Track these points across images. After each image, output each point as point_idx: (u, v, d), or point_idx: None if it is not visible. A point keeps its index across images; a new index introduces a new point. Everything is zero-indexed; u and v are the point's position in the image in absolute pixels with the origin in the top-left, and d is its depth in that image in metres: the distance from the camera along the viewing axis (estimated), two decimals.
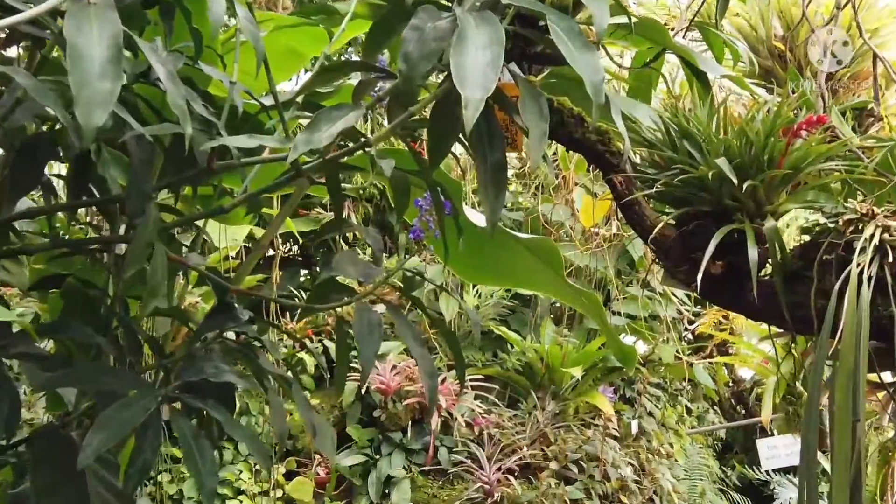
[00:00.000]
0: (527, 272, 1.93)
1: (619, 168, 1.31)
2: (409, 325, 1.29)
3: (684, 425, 4.70)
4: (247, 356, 1.33)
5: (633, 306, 4.13)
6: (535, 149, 1.07)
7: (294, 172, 1.20)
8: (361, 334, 1.20)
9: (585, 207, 3.57)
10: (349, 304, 1.27)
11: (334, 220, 1.34)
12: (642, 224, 1.31)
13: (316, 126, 1.10)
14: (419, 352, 1.26)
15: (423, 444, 3.79)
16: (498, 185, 1.15)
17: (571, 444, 3.72)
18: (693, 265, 1.28)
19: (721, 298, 1.31)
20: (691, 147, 1.27)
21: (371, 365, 1.19)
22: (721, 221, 1.25)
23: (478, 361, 4.19)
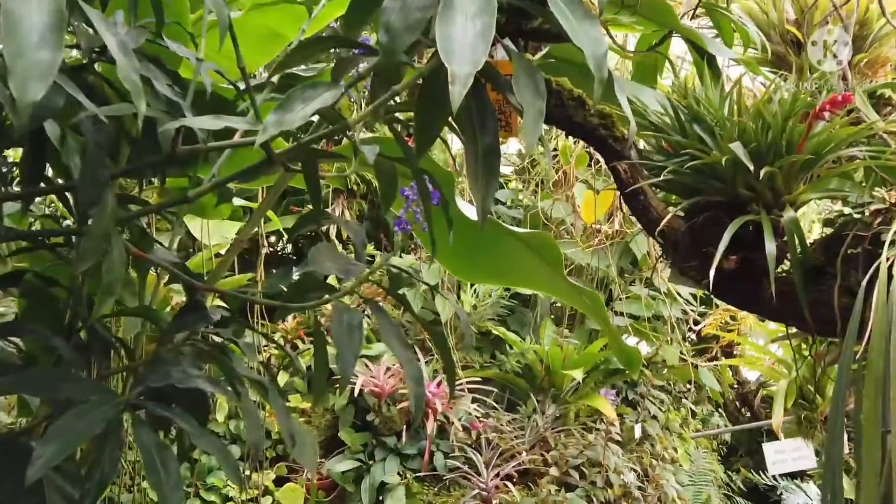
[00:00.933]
0: (524, 270, 1.84)
1: (624, 154, 1.21)
2: (394, 327, 1.19)
3: (689, 429, 4.62)
4: (219, 359, 1.24)
5: (637, 306, 4.04)
6: (530, 129, 0.98)
7: (266, 158, 1.11)
8: (339, 337, 1.11)
9: (587, 203, 3.47)
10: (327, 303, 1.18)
11: (312, 213, 1.25)
12: (648, 215, 1.21)
13: (288, 106, 1.00)
14: (405, 356, 1.17)
15: (418, 449, 3.69)
16: (490, 172, 1.05)
17: (572, 449, 3.63)
18: (704, 260, 1.18)
19: (734, 297, 1.21)
20: (702, 131, 1.18)
21: (350, 370, 1.10)
22: (735, 212, 1.15)
23: (476, 363, 4.11)
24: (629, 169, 1.21)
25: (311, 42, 1.17)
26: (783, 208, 1.14)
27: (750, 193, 1.16)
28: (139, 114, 0.89)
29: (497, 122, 1.07)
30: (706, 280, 1.18)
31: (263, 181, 1.76)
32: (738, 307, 1.27)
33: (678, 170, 1.18)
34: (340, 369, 1.09)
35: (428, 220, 1.13)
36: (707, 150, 1.15)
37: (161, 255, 1.28)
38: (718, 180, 1.16)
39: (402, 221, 1.21)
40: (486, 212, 1.03)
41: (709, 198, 1.18)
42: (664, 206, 1.23)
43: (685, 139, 1.17)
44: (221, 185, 1.09)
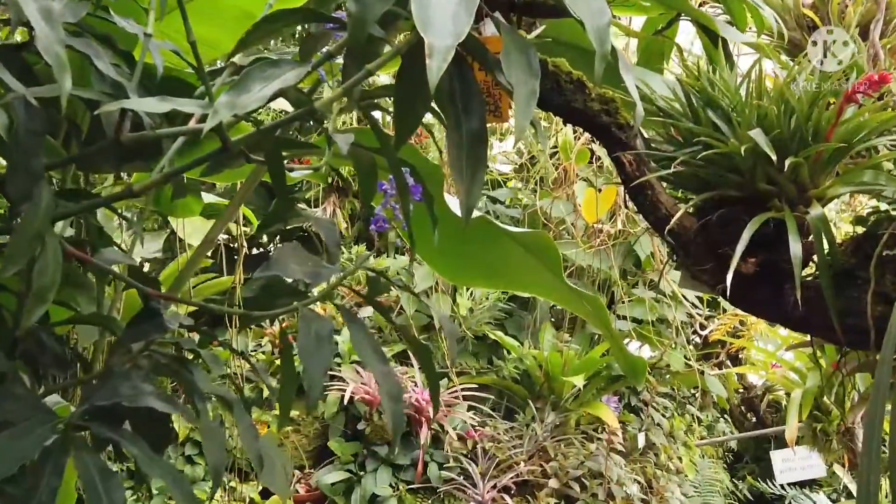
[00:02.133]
0: (519, 271, 1.72)
1: (628, 144, 1.09)
2: (369, 338, 1.08)
3: (693, 436, 4.52)
4: (177, 373, 1.13)
5: (640, 309, 3.94)
6: (521, 111, 0.86)
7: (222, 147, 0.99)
8: (306, 349, 1.00)
9: (588, 201, 3.36)
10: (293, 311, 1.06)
11: (278, 210, 1.13)
12: (656, 213, 1.10)
13: (244, 86, 0.89)
14: (380, 369, 1.06)
15: (411, 459, 3.62)
16: (476, 162, 0.94)
17: (573, 460, 3.54)
18: (719, 263, 1.07)
19: (752, 304, 1.09)
20: (717, 117, 1.06)
21: (319, 387, 0.98)
22: (754, 209, 1.04)
23: (472, 369, 4.00)
24: (634, 160, 1.09)
25: (277, 16, 1.05)
26: (809, 204, 1.02)
27: (771, 188, 1.04)
28: (62, 93, 0.77)
29: (484, 106, 0.95)
30: (721, 285, 1.06)
31: (233, 175, 1.64)
32: (757, 315, 1.15)
33: (690, 161, 1.06)
34: (307, 386, 0.98)
35: (406, 217, 1.01)
36: (723, 139, 1.03)
37: (110, 257, 1.17)
38: (735, 173, 1.05)
39: (380, 219, 1.09)
40: (472, 207, 0.91)
41: (724, 192, 1.06)
42: (674, 202, 1.11)
43: (698, 126, 1.06)
44: (171, 177, 0.97)
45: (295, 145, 1.13)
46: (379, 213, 1.09)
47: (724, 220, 1.05)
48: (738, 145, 1.00)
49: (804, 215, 1.02)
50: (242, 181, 1.64)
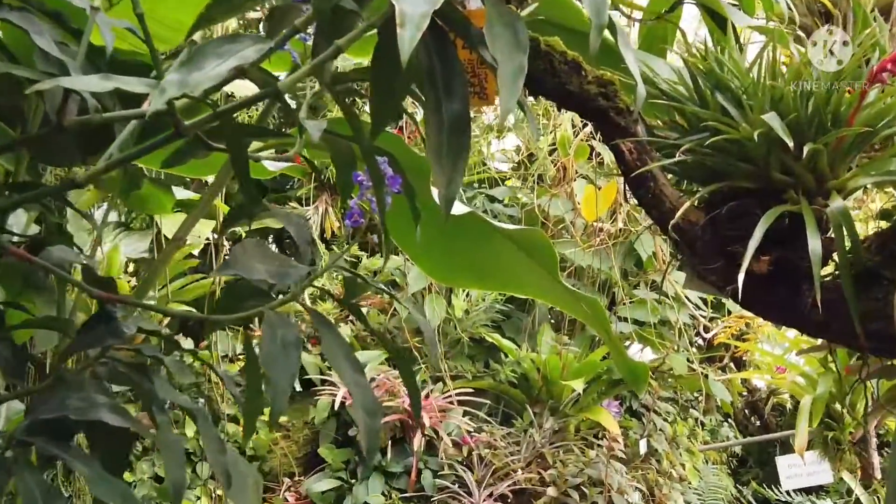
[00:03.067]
0: (513, 272, 1.63)
1: (628, 130, 1.00)
2: (341, 344, 0.99)
3: (697, 441, 4.44)
4: (135, 382, 1.04)
5: (642, 311, 3.85)
6: (507, 90, 0.78)
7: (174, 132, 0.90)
8: (270, 356, 0.91)
9: (587, 199, 3.27)
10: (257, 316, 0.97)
11: (244, 205, 1.04)
12: (659, 206, 1.01)
13: (197, 62, 0.80)
14: (354, 379, 0.97)
15: (404, 466, 3.51)
16: (457, 149, 0.85)
17: (572, 467, 3.42)
18: (728, 262, 0.98)
19: (766, 307, 1.01)
20: (726, 101, 0.97)
21: (285, 400, 0.90)
22: (768, 201, 0.95)
23: (467, 373, 3.92)
24: (635, 148, 1.00)
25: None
26: (828, 196, 0.93)
27: (787, 178, 0.95)
28: None
29: (467, 87, 0.86)
30: (731, 286, 0.97)
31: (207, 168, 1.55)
32: (770, 319, 1.07)
33: (696, 149, 0.97)
34: (271, 398, 0.89)
35: (381, 211, 0.92)
36: (733, 124, 0.94)
37: (59, 256, 1.08)
38: (747, 161, 0.96)
39: (354, 213, 1.00)
40: (452, 199, 0.82)
41: (735, 184, 0.97)
42: (679, 195, 1.02)
43: (705, 110, 0.97)
44: (116, 165, 0.88)
45: (258, 132, 1.04)
46: (353, 207, 1.00)
47: (735, 215, 0.97)
48: (750, 131, 0.91)
49: (823, 208, 0.93)
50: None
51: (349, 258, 4.20)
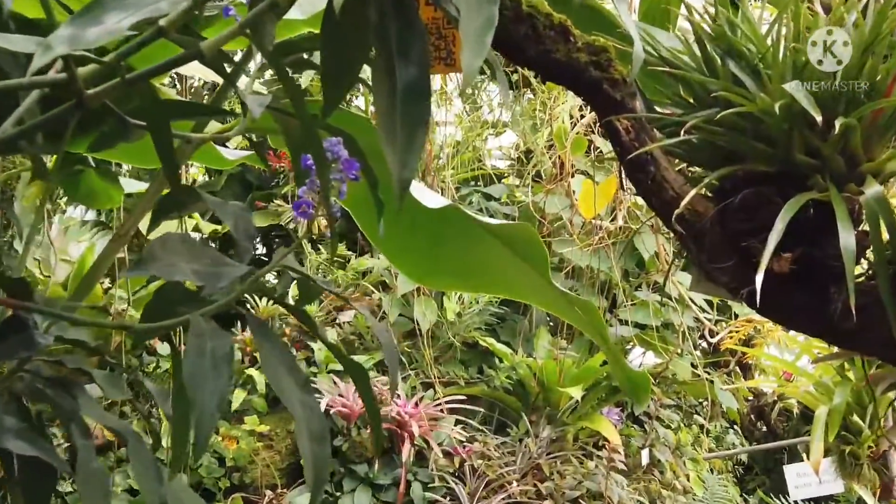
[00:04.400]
0: (499, 271, 1.50)
1: (624, 105, 0.87)
2: (284, 358, 0.85)
3: (701, 448, 4.32)
4: (53, 400, 0.91)
5: (643, 313, 3.72)
6: (471, 47, 0.64)
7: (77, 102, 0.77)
8: (197, 373, 0.77)
9: (585, 195, 3.13)
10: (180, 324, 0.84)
11: (173, 195, 0.91)
12: (661, 195, 0.87)
13: (94, 15, 0.66)
14: (299, 399, 0.83)
15: (392, 478, 3.38)
16: (413, 121, 0.71)
17: (570, 479, 3.31)
18: (743, 260, 0.84)
19: (787, 314, 0.87)
20: (740, 70, 0.83)
21: (211, 424, 0.76)
22: (789, 188, 0.81)
23: (460, 379, 3.79)
24: (633, 126, 0.87)
25: None
26: (862, 181, 0.80)
27: (811, 160, 0.81)
28: None
29: (427, 49, 0.72)
30: (746, 288, 0.83)
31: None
32: (792, 327, 0.93)
33: (704, 126, 0.83)
34: (195, 422, 0.75)
35: (326, 200, 0.78)
36: (748, 96, 0.81)
37: None
38: (765, 141, 0.82)
39: (304, 203, 0.86)
40: (407, 182, 0.69)
41: (750, 167, 0.83)
42: (683, 180, 0.88)
43: (714, 79, 0.83)
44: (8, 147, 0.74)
45: (186, 109, 0.90)
46: (302, 196, 0.87)
47: (750, 204, 0.83)
48: (769, 102, 0.77)
49: (856, 196, 0.79)
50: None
51: (336, 258, 4.07)
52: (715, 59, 0.86)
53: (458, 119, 4.58)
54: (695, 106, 0.88)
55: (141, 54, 1.13)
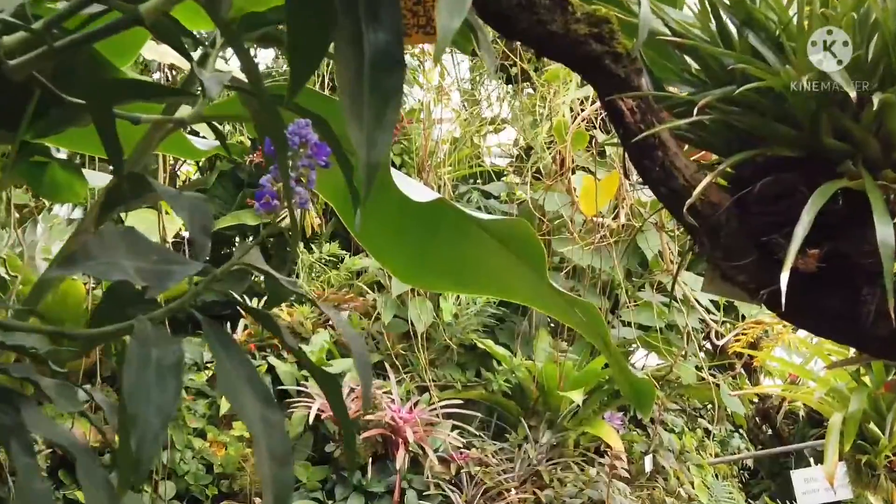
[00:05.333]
0: (493, 271, 1.41)
1: (629, 82, 0.77)
2: (242, 367, 0.77)
3: (706, 453, 4.25)
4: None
5: (647, 315, 3.65)
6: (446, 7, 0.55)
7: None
8: (139, 385, 0.69)
9: (586, 191, 3.04)
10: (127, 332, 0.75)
11: (119, 186, 0.82)
12: (670, 183, 0.78)
13: None
14: (261, 414, 0.74)
15: (386, 486, 3.32)
16: (383, 94, 0.62)
17: (570, 487, 3.27)
18: (763, 257, 0.75)
19: (813, 318, 0.77)
20: (760, 43, 0.74)
21: (155, 444, 0.68)
22: (816, 175, 0.72)
23: (457, 382, 3.72)
24: (638, 106, 0.77)
25: None
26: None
27: (841, 144, 0.72)
28: None
29: (400, 12, 0.63)
30: (767, 289, 0.74)
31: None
32: (818, 332, 0.84)
33: (720, 106, 0.74)
34: (136, 445, 0.66)
35: (286, 188, 0.69)
36: (770, 70, 0.71)
37: None
38: (788, 122, 0.73)
39: (266, 193, 0.77)
40: (376, 166, 0.60)
41: (771, 152, 0.74)
42: (695, 167, 0.79)
43: (730, 51, 0.74)
44: None
45: (134, 87, 0.81)
46: (265, 185, 0.77)
47: (772, 194, 0.74)
48: (795, 76, 0.68)
49: (893, 184, 0.71)
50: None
51: (329, 257, 3.98)
52: (731, 32, 0.77)
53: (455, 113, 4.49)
54: (708, 84, 0.79)
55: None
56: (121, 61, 1.23)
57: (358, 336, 0.77)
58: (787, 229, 0.71)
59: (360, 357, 0.76)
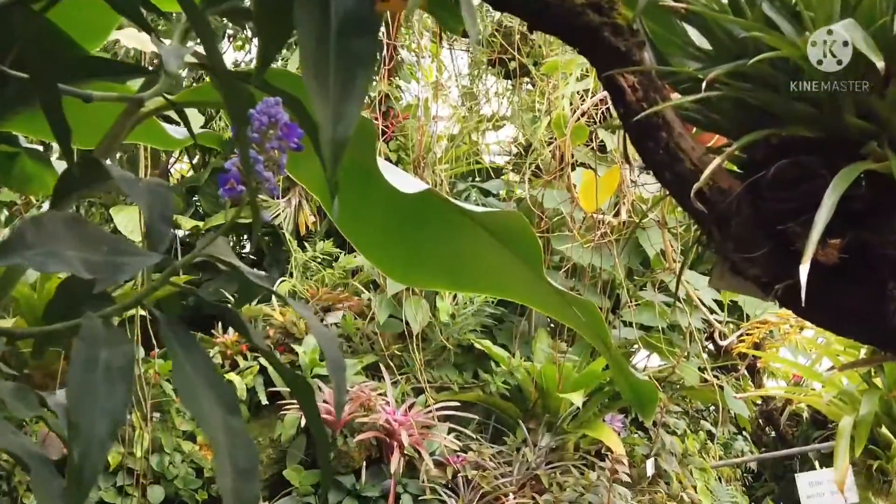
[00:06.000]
0: (486, 267, 1.34)
1: (630, 56, 0.71)
2: (202, 368, 0.71)
3: (709, 456, 4.21)
4: None
5: (649, 314, 3.60)
6: None
7: None
8: (85, 389, 0.64)
9: (586, 187, 2.98)
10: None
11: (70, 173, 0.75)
12: (675, 167, 0.71)
13: None
14: (222, 420, 0.69)
15: (381, 490, 3.29)
16: (351, 60, 0.56)
17: (570, 491, 3.23)
18: (778, 247, 0.69)
19: (833, 315, 0.71)
20: (774, 12, 0.68)
21: (101, 454, 0.63)
22: (838, 158, 0.66)
23: (454, 384, 3.69)
24: (640, 83, 0.71)
25: None
26: None
27: (865, 123, 0.66)
28: None
29: None
30: (783, 283, 0.68)
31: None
32: (839, 331, 0.77)
33: (730, 82, 0.67)
34: (78, 456, 0.61)
35: (246, 170, 0.63)
36: (786, 42, 0.65)
37: None
38: (806, 99, 0.66)
39: (231, 177, 0.71)
40: (342, 143, 0.54)
41: (787, 132, 0.68)
42: (703, 150, 0.73)
43: (742, 20, 0.67)
44: None
45: (80, 65, 0.74)
46: (231, 169, 0.71)
47: (788, 178, 0.67)
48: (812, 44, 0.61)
49: None
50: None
51: (323, 255, 3.92)
52: (741, 1, 0.70)
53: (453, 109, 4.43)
54: (716, 59, 0.72)
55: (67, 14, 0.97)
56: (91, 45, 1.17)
57: (331, 337, 0.70)
58: (805, 217, 0.64)
59: (333, 360, 0.70)
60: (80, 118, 1.27)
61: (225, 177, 0.69)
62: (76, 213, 0.73)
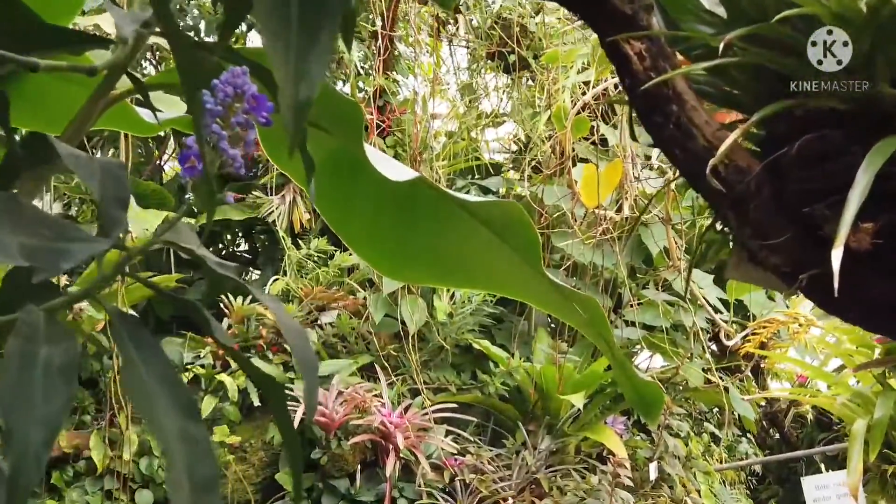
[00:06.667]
0: (482, 261, 1.27)
1: (636, 20, 0.64)
2: (159, 370, 0.65)
3: (713, 459, 4.16)
4: None
5: (652, 314, 3.57)
6: None
7: None
8: (19, 390, 0.58)
9: (587, 182, 2.92)
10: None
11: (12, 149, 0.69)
12: (687, 144, 0.64)
13: None
14: (178, 428, 0.64)
15: (376, 494, 3.24)
16: (314, 12, 0.49)
17: (571, 496, 3.21)
18: (802, 233, 0.62)
19: (864, 309, 0.64)
20: None
21: (37, 465, 0.57)
22: (870, 132, 0.59)
23: (451, 385, 3.64)
24: (647, 50, 0.64)
25: None
26: None
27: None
28: None
29: None
30: (808, 273, 0.61)
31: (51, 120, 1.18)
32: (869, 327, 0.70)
33: (747, 47, 0.61)
34: (12, 465, 0.55)
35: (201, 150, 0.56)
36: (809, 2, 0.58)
37: None
38: None
39: (191, 154, 0.65)
40: (304, 106, 0.47)
41: (813, 103, 0.61)
42: (717, 125, 0.66)
43: None
44: None
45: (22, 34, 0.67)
46: (192, 147, 0.65)
47: (814, 154, 0.60)
48: (847, 3, 0.55)
49: None
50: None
51: (318, 253, 3.86)
52: None
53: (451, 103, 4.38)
54: (731, 24, 0.66)
55: None
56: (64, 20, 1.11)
57: (301, 333, 0.63)
58: (835, 197, 0.58)
59: (303, 359, 0.63)
60: (53, 104, 1.20)
61: (186, 153, 0.63)
62: (13, 193, 0.67)
